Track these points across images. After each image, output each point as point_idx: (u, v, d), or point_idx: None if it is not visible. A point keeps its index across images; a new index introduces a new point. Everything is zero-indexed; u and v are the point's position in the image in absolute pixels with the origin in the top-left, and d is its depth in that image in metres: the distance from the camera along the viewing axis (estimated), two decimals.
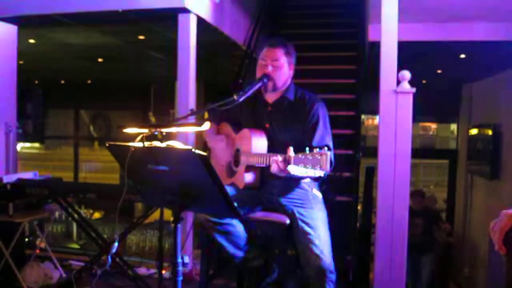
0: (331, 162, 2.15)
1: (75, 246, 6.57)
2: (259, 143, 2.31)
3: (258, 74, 2.34)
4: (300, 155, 1.89)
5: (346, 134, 4.35)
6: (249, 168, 2.32)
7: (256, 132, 2.34)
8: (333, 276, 2.20)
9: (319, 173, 1.86)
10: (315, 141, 2.24)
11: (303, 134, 2.30)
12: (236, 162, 2.42)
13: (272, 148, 2.32)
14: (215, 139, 2.49)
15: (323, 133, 2.28)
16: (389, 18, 3.50)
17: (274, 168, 2.03)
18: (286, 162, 1.96)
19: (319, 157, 1.83)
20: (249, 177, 2.33)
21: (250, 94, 2.23)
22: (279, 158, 2.00)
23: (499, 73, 6.10)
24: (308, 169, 1.86)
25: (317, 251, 2.18)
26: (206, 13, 4.24)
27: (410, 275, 5.36)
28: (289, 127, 2.33)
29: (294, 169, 1.94)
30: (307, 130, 2.29)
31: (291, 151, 1.95)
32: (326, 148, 1.93)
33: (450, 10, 4.27)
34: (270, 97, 2.40)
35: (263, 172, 2.35)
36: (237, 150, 2.42)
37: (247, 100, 2.31)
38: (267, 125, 2.38)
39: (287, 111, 2.35)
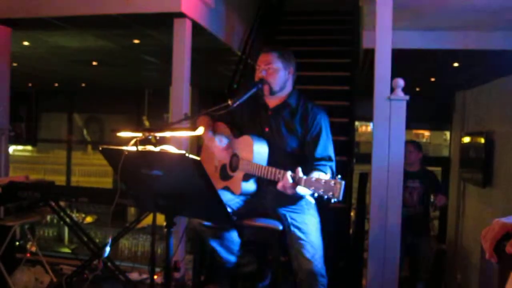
0: (333, 173, 2.16)
1: (67, 250, 6.50)
2: (260, 152, 2.30)
3: (256, 80, 2.35)
4: (312, 178, 1.87)
5: (340, 140, 4.36)
6: (247, 176, 2.31)
7: (258, 140, 2.33)
8: (324, 281, 2.21)
9: (329, 198, 1.83)
10: (318, 152, 2.26)
11: (302, 142, 2.31)
12: (232, 166, 2.41)
13: (271, 153, 2.32)
14: (212, 138, 2.46)
15: (326, 144, 2.30)
16: (384, 26, 3.52)
17: (281, 187, 2.02)
18: (295, 183, 1.94)
19: (333, 185, 1.81)
20: (246, 185, 2.32)
21: (244, 99, 2.24)
22: (289, 178, 1.97)
23: (492, 81, 6.15)
24: (318, 193, 1.84)
25: (308, 256, 2.18)
26: (201, 18, 4.25)
27: (407, 262, 4.69)
28: (289, 133, 2.34)
29: (303, 190, 1.92)
30: (310, 140, 2.30)
31: (300, 172, 1.93)
32: (331, 168, 1.94)
33: (444, 18, 4.30)
34: (272, 102, 2.40)
35: (259, 178, 2.35)
36: (234, 155, 2.41)
37: (248, 103, 2.32)
38: (266, 129, 2.38)
39: (289, 117, 2.36)
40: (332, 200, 1.83)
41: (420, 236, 4.63)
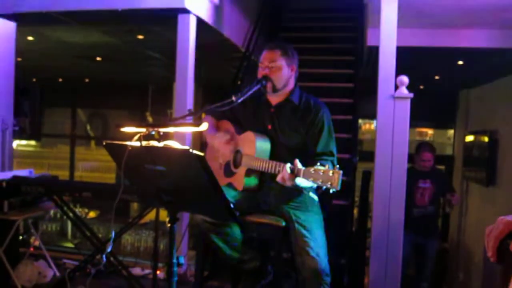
0: (334, 167, 2.15)
1: (70, 245, 6.54)
2: (262, 147, 2.30)
3: (259, 77, 2.35)
4: (311, 169, 1.87)
5: (343, 138, 4.36)
6: (249, 172, 2.31)
7: (260, 136, 2.34)
8: (328, 279, 2.21)
9: (327, 188, 1.84)
10: (319, 147, 2.27)
11: (305, 139, 2.31)
12: (236, 162, 2.42)
13: (274, 150, 2.32)
14: (214, 136, 2.48)
15: (328, 140, 2.30)
16: (388, 24, 3.51)
17: (280, 179, 2.02)
18: (294, 174, 1.95)
19: (331, 175, 1.81)
20: (249, 180, 2.32)
21: (247, 96, 2.24)
22: (288, 169, 1.98)
23: (496, 80, 6.13)
24: (317, 183, 1.85)
25: (313, 254, 2.18)
26: (206, 14, 4.24)
27: (414, 260, 4.65)
28: (291, 130, 2.34)
29: (302, 181, 1.93)
30: (312, 136, 2.30)
31: (298, 164, 1.93)
32: (332, 162, 1.93)
33: (449, 16, 4.29)
34: (274, 99, 2.39)
35: (261, 175, 2.35)
36: (238, 151, 2.42)
37: (250, 100, 2.32)
38: (269, 126, 2.38)
39: (291, 114, 2.36)
40: (331, 190, 1.83)
41: (429, 236, 4.60)
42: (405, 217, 3.49)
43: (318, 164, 1.89)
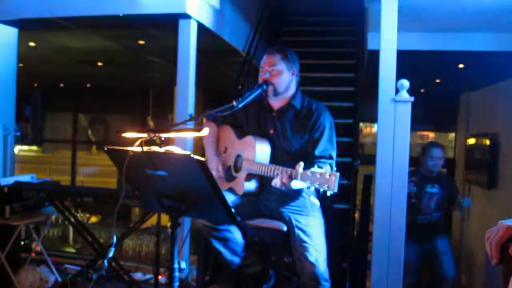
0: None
1: (71, 250, 6.54)
2: (262, 151, 2.31)
3: (259, 81, 2.36)
4: (308, 172, 1.87)
5: (344, 141, 4.36)
6: (250, 176, 2.32)
7: (260, 140, 2.34)
8: (327, 284, 2.21)
9: (325, 191, 1.84)
10: (318, 151, 2.27)
11: (307, 143, 2.31)
12: (236, 167, 2.42)
13: (275, 154, 2.32)
14: (209, 160, 2.50)
15: (327, 144, 2.30)
16: (389, 27, 3.51)
17: (277, 183, 2.02)
18: (291, 177, 1.95)
19: (328, 177, 1.81)
20: (249, 184, 2.33)
21: (249, 100, 2.24)
22: (285, 173, 1.98)
23: (497, 83, 6.13)
24: (314, 186, 1.85)
25: (312, 259, 2.18)
26: (206, 19, 4.26)
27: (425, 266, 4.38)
28: (293, 134, 2.34)
29: (298, 184, 1.93)
30: (312, 139, 2.30)
31: (301, 167, 1.93)
32: (330, 166, 1.94)
33: (449, 20, 4.30)
34: (276, 104, 2.40)
35: (262, 179, 2.35)
36: (238, 156, 2.42)
37: (252, 105, 2.33)
38: (271, 131, 2.38)
39: (293, 119, 2.36)
40: (328, 193, 1.83)
41: (435, 237, 4.34)
42: (409, 224, 3.45)
43: (315, 166, 1.89)
